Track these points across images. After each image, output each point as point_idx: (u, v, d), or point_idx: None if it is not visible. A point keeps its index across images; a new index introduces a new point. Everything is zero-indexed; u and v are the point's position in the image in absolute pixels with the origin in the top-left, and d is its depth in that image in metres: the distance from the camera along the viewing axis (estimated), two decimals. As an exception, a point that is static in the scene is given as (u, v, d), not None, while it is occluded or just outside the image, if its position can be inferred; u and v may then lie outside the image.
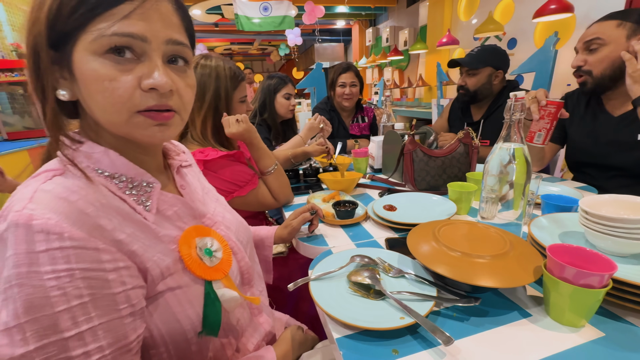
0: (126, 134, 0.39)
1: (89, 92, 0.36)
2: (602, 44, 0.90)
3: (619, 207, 0.54)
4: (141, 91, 0.37)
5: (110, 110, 0.37)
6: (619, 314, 0.46)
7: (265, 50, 9.06)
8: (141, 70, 0.36)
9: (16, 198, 0.33)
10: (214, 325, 0.43)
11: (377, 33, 5.98)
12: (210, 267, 0.45)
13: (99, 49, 0.35)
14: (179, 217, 0.46)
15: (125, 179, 0.41)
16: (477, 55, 1.35)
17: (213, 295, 0.43)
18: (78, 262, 0.32)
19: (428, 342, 0.42)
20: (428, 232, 0.58)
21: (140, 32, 0.35)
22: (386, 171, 1.21)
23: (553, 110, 0.85)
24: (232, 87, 0.94)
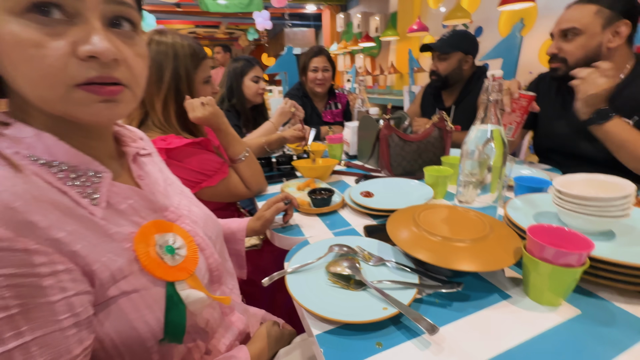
0: (64, 112, 0.33)
1: (12, 62, 0.30)
2: (577, 33, 0.89)
3: (590, 186, 0.55)
4: (78, 60, 0.31)
5: (41, 84, 0.31)
6: (593, 290, 0.47)
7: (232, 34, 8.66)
8: (76, 34, 0.31)
9: None
10: (178, 330, 0.38)
11: (348, 19, 5.89)
12: (173, 266, 0.39)
13: (15, 6, 0.28)
14: (135, 211, 0.40)
15: (66, 167, 0.35)
16: (447, 40, 1.35)
17: (176, 297, 0.38)
18: (2, 267, 0.26)
19: (412, 331, 0.41)
20: (408, 217, 0.56)
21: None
22: (362, 157, 1.19)
23: (525, 103, 0.86)
24: (193, 66, 0.85)
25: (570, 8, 0.93)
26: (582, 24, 0.88)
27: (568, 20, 0.91)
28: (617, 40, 0.86)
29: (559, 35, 0.94)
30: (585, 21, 0.88)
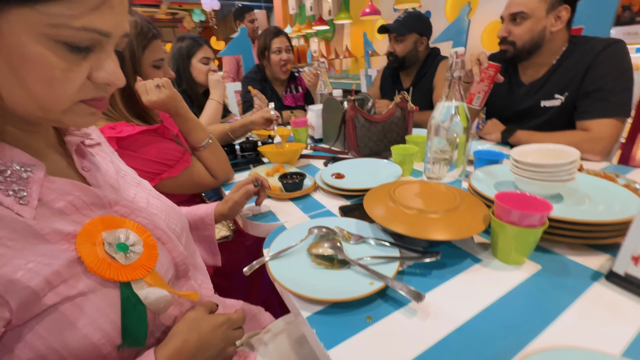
0: (55, 120, 0.33)
1: (26, 78, 0.29)
2: (525, 17, 0.95)
3: (541, 155, 0.60)
4: (91, 82, 0.32)
5: (51, 100, 0.31)
6: (549, 247, 0.52)
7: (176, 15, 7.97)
8: (93, 62, 0.32)
9: None
10: (138, 334, 0.35)
11: (300, 1, 5.74)
12: (127, 265, 0.36)
13: (55, 36, 0.28)
14: (76, 208, 0.35)
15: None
16: (403, 22, 1.39)
17: (133, 298, 0.35)
18: None
19: (399, 302, 0.42)
20: (384, 194, 0.57)
21: (107, 27, 0.31)
22: (327, 140, 1.19)
23: (492, 73, 0.91)
24: (140, 47, 0.77)
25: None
26: (529, 8, 0.94)
27: (517, 4, 0.96)
28: (559, 24, 0.94)
29: (508, 19, 1.00)
30: (532, 6, 0.94)
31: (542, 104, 1.01)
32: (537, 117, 1.03)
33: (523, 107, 1.06)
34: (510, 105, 1.11)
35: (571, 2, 0.93)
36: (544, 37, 0.96)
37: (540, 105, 1.01)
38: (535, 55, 1.00)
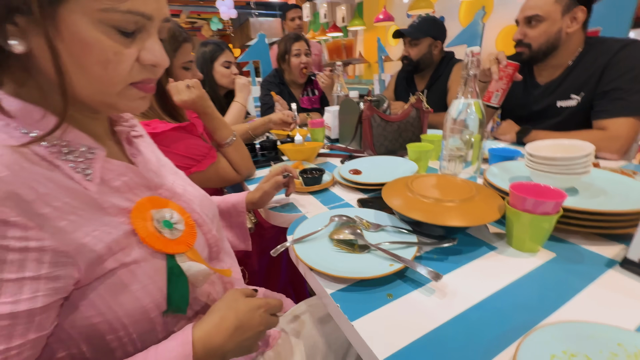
0: (111, 104, 0.37)
1: (84, 61, 0.33)
2: (540, 20, 0.96)
3: (556, 149, 0.62)
4: (139, 64, 0.36)
5: (106, 82, 0.34)
6: (564, 237, 0.53)
7: (194, 24, 8.25)
8: (140, 44, 0.35)
9: None
10: (181, 302, 0.39)
11: (314, 9, 5.85)
12: (172, 239, 0.40)
13: (107, 20, 0.32)
14: (129, 188, 0.40)
15: (58, 142, 0.34)
16: (418, 26, 1.42)
17: (177, 269, 0.39)
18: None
19: (417, 282, 0.45)
20: (401, 185, 0.60)
21: (149, 11, 0.34)
22: (344, 140, 1.22)
23: (511, 71, 0.93)
24: (172, 50, 0.83)
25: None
26: (544, 11, 0.95)
27: (531, 7, 0.98)
28: (575, 25, 0.95)
29: (523, 22, 1.01)
30: (547, 8, 0.95)
31: (558, 104, 1.02)
32: (552, 117, 1.03)
33: (539, 107, 1.07)
34: (525, 106, 1.11)
35: (587, 3, 0.94)
36: (559, 39, 0.97)
37: (557, 106, 1.02)
38: (551, 56, 1.01)
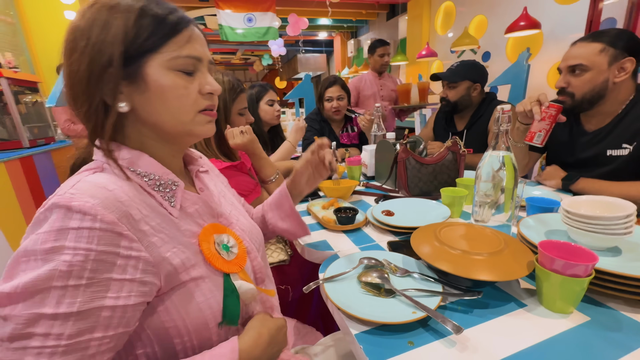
0: (188, 130, 0.47)
1: (165, 99, 0.43)
2: (585, 69, 0.95)
3: (595, 206, 0.61)
4: (201, 95, 0.46)
5: (182, 111, 0.45)
6: (601, 300, 0.52)
7: (247, 60, 9.09)
8: (199, 80, 0.46)
9: (59, 188, 0.38)
10: (234, 315, 0.46)
11: (358, 44, 6.16)
12: (228, 260, 0.48)
13: (174, 66, 0.43)
14: (199, 214, 0.49)
15: (153, 177, 0.45)
16: (456, 70, 1.45)
17: (231, 286, 0.46)
18: (99, 244, 0.35)
19: (439, 333, 0.46)
20: (429, 233, 0.63)
21: (199, 54, 0.45)
22: (379, 178, 1.27)
23: (553, 112, 0.93)
24: (231, 99, 0.97)
25: (576, 45, 0.99)
26: (590, 61, 0.94)
27: (575, 57, 0.97)
28: (623, 75, 0.92)
29: (566, 71, 1.00)
30: (592, 58, 0.93)
31: (608, 152, 0.97)
32: (602, 166, 0.99)
33: (586, 155, 1.03)
34: (572, 152, 1.08)
35: (635, 53, 0.92)
36: (606, 88, 0.95)
37: (606, 154, 0.98)
38: (598, 105, 0.98)
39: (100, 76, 0.39)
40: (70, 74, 0.41)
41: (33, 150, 2.30)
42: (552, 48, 2.52)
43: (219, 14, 4.14)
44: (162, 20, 0.41)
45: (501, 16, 2.93)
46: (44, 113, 2.79)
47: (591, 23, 1.94)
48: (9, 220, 1.98)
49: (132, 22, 0.40)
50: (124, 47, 0.39)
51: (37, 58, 3.15)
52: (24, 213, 2.09)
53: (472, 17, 3.31)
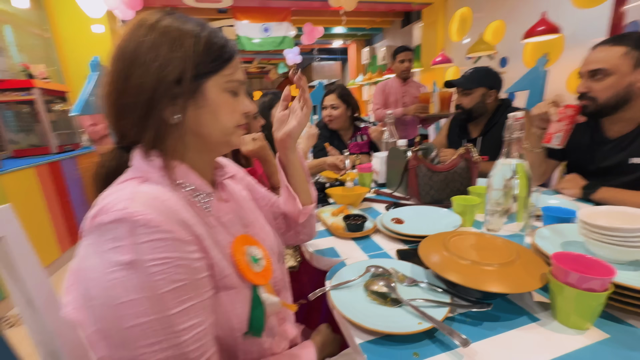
0: (227, 141, 0.51)
1: (216, 114, 0.48)
2: (607, 74, 0.91)
3: (614, 217, 0.58)
4: (240, 114, 0.52)
5: (228, 125, 0.50)
6: (622, 317, 0.49)
7: (264, 68, 9.27)
8: (240, 100, 0.51)
9: (115, 198, 0.38)
10: (260, 326, 0.47)
11: (373, 52, 6.18)
12: (256, 273, 0.49)
13: (228, 87, 0.48)
14: (232, 224, 0.52)
15: (192, 187, 0.48)
16: (469, 77, 1.43)
17: (258, 299, 0.48)
18: (173, 251, 0.37)
19: (446, 345, 0.45)
20: (438, 243, 0.62)
21: (243, 79, 0.51)
22: (390, 185, 1.26)
23: (571, 113, 0.91)
24: None
25: (597, 49, 0.95)
26: (612, 65, 0.90)
27: (596, 61, 0.93)
28: None
29: (587, 75, 0.96)
30: (615, 62, 0.90)
31: (631, 160, 0.93)
32: (624, 174, 0.94)
33: (608, 163, 0.99)
34: (592, 161, 1.03)
35: None
36: (631, 92, 0.91)
37: (629, 162, 0.93)
38: (622, 110, 0.94)
39: (167, 90, 0.43)
40: (130, 86, 0.43)
41: (61, 155, 2.43)
42: (572, 53, 2.45)
43: (237, 25, 4.27)
44: (223, 47, 0.47)
45: (519, 21, 2.88)
46: (71, 120, 2.94)
47: (614, 27, 1.87)
48: (36, 221, 2.08)
49: (201, 47, 0.44)
50: (194, 66, 0.44)
51: (66, 68, 3.34)
52: (50, 215, 2.20)
53: (488, 22, 3.26)
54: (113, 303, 0.35)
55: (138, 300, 0.35)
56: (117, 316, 0.35)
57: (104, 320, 0.35)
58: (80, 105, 0.86)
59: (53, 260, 2.21)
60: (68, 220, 2.38)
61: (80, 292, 0.37)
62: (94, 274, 0.36)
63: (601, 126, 1.04)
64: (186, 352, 0.37)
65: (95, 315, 0.36)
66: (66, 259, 2.39)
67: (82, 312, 0.37)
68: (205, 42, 0.45)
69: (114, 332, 0.35)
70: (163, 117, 0.44)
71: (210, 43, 0.46)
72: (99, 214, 0.38)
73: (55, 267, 2.27)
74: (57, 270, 2.29)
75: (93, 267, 0.36)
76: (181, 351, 0.37)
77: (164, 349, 0.36)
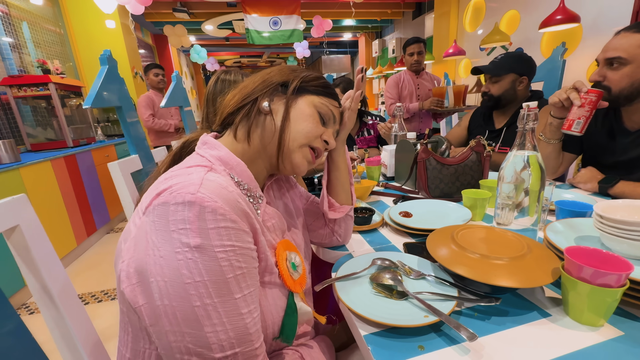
0: (288, 154, 0.53)
1: (298, 119, 0.53)
2: (624, 62, 0.88)
3: (632, 211, 0.56)
4: (320, 139, 0.56)
5: (301, 135, 0.53)
6: (638, 314, 0.47)
7: (273, 62, 9.26)
8: (326, 130, 0.57)
9: (184, 180, 0.40)
10: (291, 334, 0.48)
11: (383, 44, 6.08)
12: (294, 280, 0.50)
13: (318, 107, 0.55)
14: (275, 229, 0.53)
15: (247, 187, 0.49)
16: (499, 63, 1.34)
17: (293, 306, 0.48)
18: (237, 240, 0.39)
19: (452, 339, 0.45)
20: (447, 236, 0.61)
21: (335, 116, 0.59)
22: (399, 179, 1.24)
23: (594, 98, 0.87)
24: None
25: (618, 36, 0.91)
26: (630, 53, 0.86)
27: (615, 48, 0.89)
28: None
29: (604, 63, 0.93)
30: (633, 51, 0.86)
31: None
32: None
33: (628, 156, 0.95)
34: (611, 154, 0.99)
35: None
36: None
37: None
38: (637, 101, 0.90)
39: (271, 86, 0.54)
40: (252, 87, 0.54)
41: (76, 149, 2.49)
42: (592, 43, 2.35)
43: (246, 19, 4.26)
44: (328, 87, 0.58)
45: (535, 10, 2.77)
46: (87, 115, 3.01)
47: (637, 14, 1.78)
48: (53, 213, 2.15)
49: (312, 76, 0.57)
50: (300, 80, 0.55)
51: (81, 64, 3.41)
52: (66, 206, 2.26)
53: (503, 12, 3.16)
54: (180, 282, 0.36)
55: (204, 283, 0.36)
56: (183, 295, 0.36)
57: (168, 298, 0.36)
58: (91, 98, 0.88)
59: (69, 251, 2.28)
60: (84, 212, 2.45)
61: (138, 267, 0.38)
62: (159, 251, 0.37)
63: (621, 118, 0.99)
64: (250, 333, 0.39)
65: (160, 292, 0.36)
66: (82, 250, 2.46)
67: (140, 287, 0.38)
68: (317, 75, 0.57)
69: (179, 310, 0.36)
70: (258, 103, 0.52)
71: (319, 78, 0.57)
72: (166, 193, 0.38)
73: (72, 257, 2.35)
74: (74, 261, 2.36)
75: (158, 245, 0.37)
76: (247, 332, 0.39)
77: (228, 329, 0.37)
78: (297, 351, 0.52)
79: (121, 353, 0.46)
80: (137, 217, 0.41)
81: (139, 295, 0.38)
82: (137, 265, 0.38)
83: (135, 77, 3.64)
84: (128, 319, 0.43)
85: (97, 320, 1.68)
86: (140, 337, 0.43)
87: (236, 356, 0.38)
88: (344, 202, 0.70)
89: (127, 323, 0.44)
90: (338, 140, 0.65)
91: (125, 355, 0.45)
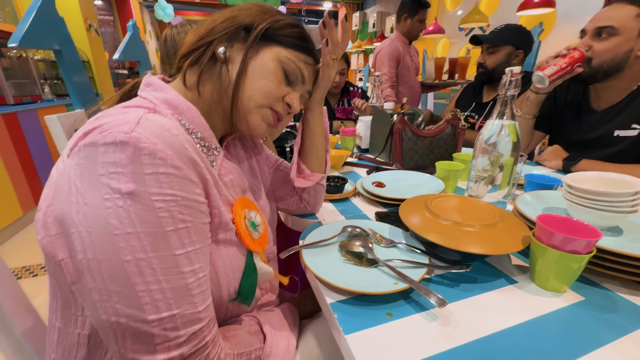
0: (244, 113, 0.45)
1: (257, 75, 0.45)
2: (613, 33, 0.86)
3: (599, 182, 0.56)
4: (282, 101, 0.48)
5: (259, 93, 0.45)
6: (597, 280, 0.48)
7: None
8: (290, 91, 0.49)
9: (118, 119, 0.33)
10: (250, 295, 0.44)
11: (364, 18, 5.89)
12: (254, 239, 0.45)
13: (284, 64, 0.46)
14: (233, 185, 0.47)
15: (200, 136, 0.43)
16: (499, 33, 1.32)
17: (252, 266, 0.44)
18: (180, 189, 0.33)
19: (421, 305, 0.43)
20: (420, 204, 0.58)
21: (306, 77, 0.50)
22: (373, 151, 1.21)
23: (576, 55, 0.88)
24: None
25: (611, 6, 0.89)
26: (621, 24, 0.85)
27: (606, 18, 0.87)
28: None
29: (592, 33, 0.91)
30: (625, 23, 0.85)
31: (616, 133, 0.92)
32: (607, 147, 0.94)
33: (593, 135, 0.98)
34: (577, 132, 1.02)
35: None
36: (627, 60, 0.87)
37: (613, 135, 0.92)
38: (612, 78, 0.91)
39: (232, 28, 0.45)
40: (210, 26, 0.45)
41: (18, 107, 2.21)
42: (564, 30, 2.40)
43: (218, -26, 3.89)
44: (304, 38, 0.48)
45: (515, -8, 2.76)
46: (30, 69, 2.66)
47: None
48: (-9, 178, 1.92)
49: (285, 22, 0.47)
50: (268, 24, 0.45)
51: (21, 9, 2.97)
52: (8, 171, 2.03)
53: (484, -8, 3.13)
54: (107, 232, 0.30)
55: (137, 235, 0.31)
56: (111, 248, 0.30)
57: (92, 251, 0.31)
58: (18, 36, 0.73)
59: (14, 219, 2.07)
60: (30, 178, 2.22)
61: (58, 216, 0.32)
62: (83, 198, 0.30)
63: (588, 98, 1.01)
64: (193, 294, 0.34)
65: (82, 244, 0.31)
66: (29, 220, 2.25)
67: (60, 240, 0.33)
68: (290, 22, 0.47)
69: (105, 266, 0.31)
70: (213, 47, 0.44)
71: (293, 25, 0.47)
72: (95, 132, 0.31)
73: (18, 227, 2.14)
74: (20, 230, 2.16)
75: (83, 191, 0.31)
76: (188, 292, 0.33)
77: (165, 289, 0.32)
78: (254, 317, 0.49)
79: (51, 323, 0.40)
80: (61, 161, 0.34)
81: (58, 248, 0.32)
82: (57, 214, 0.32)
83: (89, 30, 3.24)
84: (56, 280, 0.37)
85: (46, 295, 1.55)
86: (72, 302, 0.37)
87: (174, 318, 0.32)
88: (316, 170, 0.65)
89: (56, 286, 0.37)
90: (313, 100, 0.59)
91: (55, 325, 0.39)
